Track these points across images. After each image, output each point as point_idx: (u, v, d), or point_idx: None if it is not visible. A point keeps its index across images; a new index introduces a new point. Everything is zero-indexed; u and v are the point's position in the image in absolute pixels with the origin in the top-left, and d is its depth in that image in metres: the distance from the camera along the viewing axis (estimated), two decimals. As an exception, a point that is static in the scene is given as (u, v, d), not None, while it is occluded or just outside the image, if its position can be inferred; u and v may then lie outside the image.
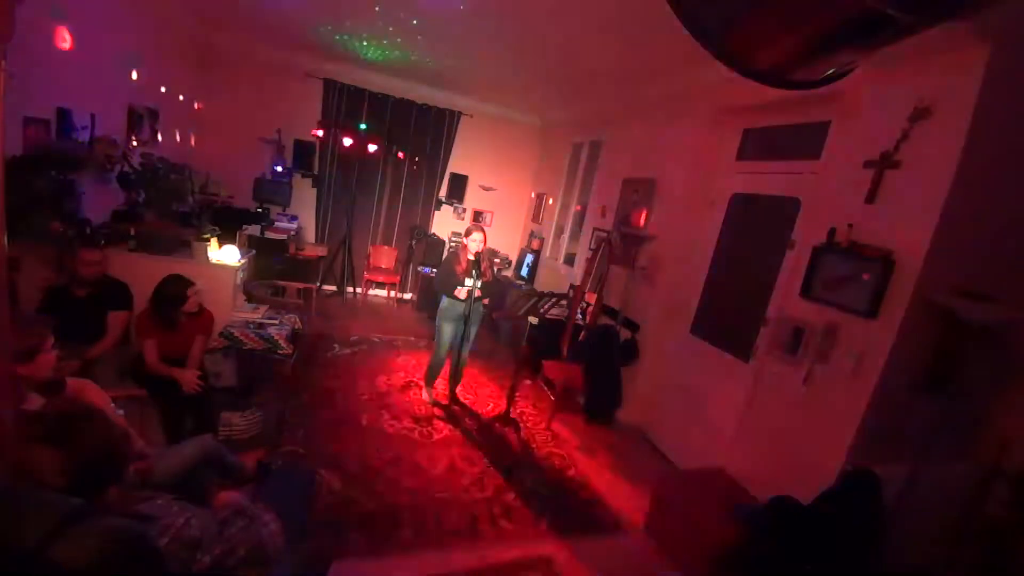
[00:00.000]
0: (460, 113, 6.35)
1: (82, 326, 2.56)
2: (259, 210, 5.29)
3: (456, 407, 3.73)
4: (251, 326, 3.31)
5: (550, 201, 6.27)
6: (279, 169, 5.71)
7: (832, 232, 2.37)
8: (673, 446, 3.56)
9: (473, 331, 3.60)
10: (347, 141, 5.60)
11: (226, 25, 4.93)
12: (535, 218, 6.64)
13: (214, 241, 3.50)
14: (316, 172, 6.01)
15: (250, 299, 3.93)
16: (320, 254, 5.63)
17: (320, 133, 5.66)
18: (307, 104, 5.78)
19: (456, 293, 3.42)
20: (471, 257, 3.45)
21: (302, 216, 5.98)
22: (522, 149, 6.86)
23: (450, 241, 6.54)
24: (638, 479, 3.13)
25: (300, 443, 2.90)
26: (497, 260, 6.27)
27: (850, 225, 2.29)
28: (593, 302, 4.38)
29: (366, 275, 6.25)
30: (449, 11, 3.44)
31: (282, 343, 3.29)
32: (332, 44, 4.89)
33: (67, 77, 3.07)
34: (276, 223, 5.20)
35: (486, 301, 3.70)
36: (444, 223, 6.72)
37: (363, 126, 5.75)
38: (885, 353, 2.10)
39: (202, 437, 2.14)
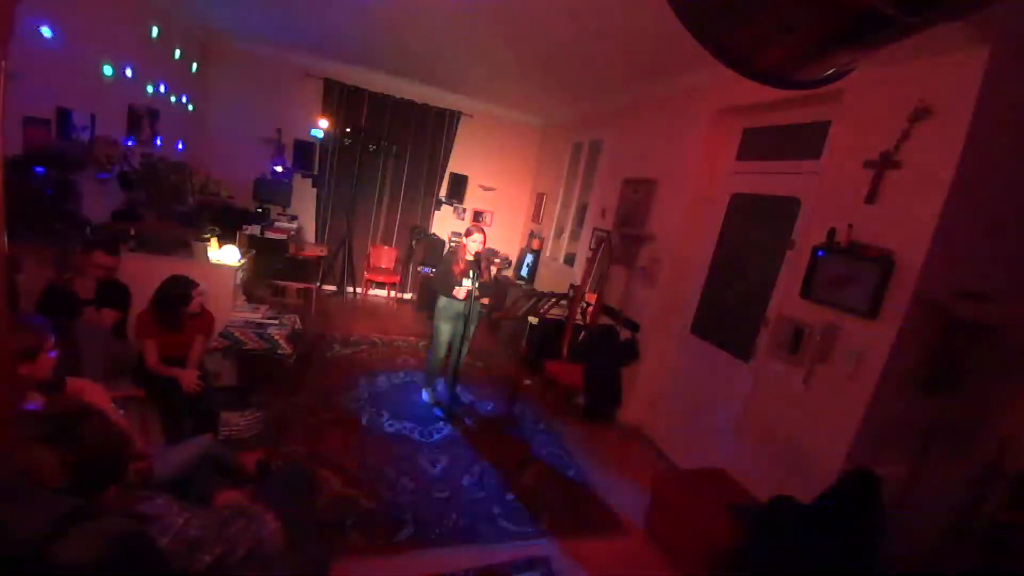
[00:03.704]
0: (460, 113, 6.35)
1: (74, 326, 2.55)
2: (259, 210, 5.29)
3: (456, 407, 3.73)
4: (251, 326, 3.31)
5: (550, 201, 6.28)
6: (279, 169, 5.71)
7: (832, 232, 2.37)
8: (673, 446, 3.56)
9: (472, 330, 3.60)
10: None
11: (226, 25, 4.93)
12: (535, 218, 6.64)
13: (214, 241, 3.50)
14: (316, 172, 6.01)
15: (250, 299, 3.93)
16: (320, 254, 5.63)
17: (324, 124, 5.65)
18: (307, 104, 5.78)
19: (455, 293, 3.42)
20: (470, 257, 3.45)
21: (302, 216, 5.98)
22: (522, 149, 6.86)
23: (450, 241, 6.55)
24: (638, 479, 3.13)
25: (300, 443, 2.90)
26: (497, 260, 6.27)
27: (850, 225, 2.29)
28: (593, 302, 4.38)
29: (366, 275, 6.25)
30: (449, 11, 3.44)
31: (282, 343, 3.29)
32: (332, 44, 4.90)
33: (67, 77, 3.07)
34: (276, 223, 5.20)
35: (485, 301, 3.70)
36: (444, 223, 6.72)
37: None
38: (885, 353, 2.10)
39: (202, 437, 2.14)
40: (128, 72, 3.77)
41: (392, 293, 6.51)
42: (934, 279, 2.03)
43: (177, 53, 4.71)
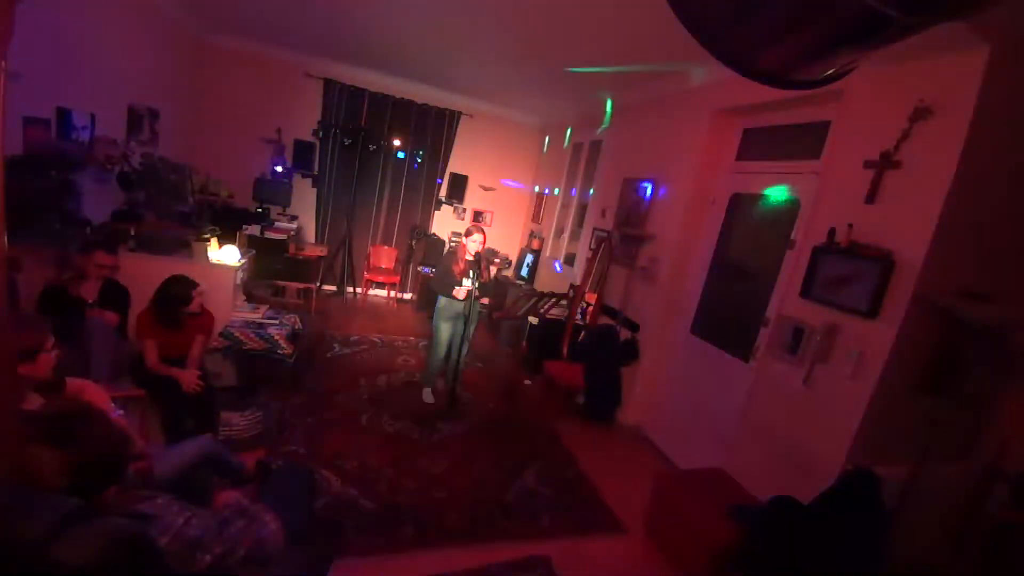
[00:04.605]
0: (460, 113, 6.35)
1: (79, 326, 2.55)
2: (259, 210, 5.29)
3: (456, 407, 3.73)
4: (251, 326, 3.31)
5: (550, 201, 6.27)
6: (279, 169, 5.71)
7: (832, 232, 2.37)
8: (673, 446, 3.56)
9: (471, 330, 3.60)
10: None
11: (226, 25, 4.93)
12: (535, 218, 6.64)
13: (214, 241, 3.50)
14: (316, 172, 6.01)
15: (250, 299, 3.93)
16: (320, 254, 5.63)
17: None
18: (307, 104, 5.78)
19: (455, 293, 3.41)
20: (470, 257, 3.45)
21: (302, 216, 5.98)
22: (522, 149, 6.86)
23: (450, 241, 6.55)
24: (638, 479, 3.13)
25: (300, 443, 2.90)
26: (497, 260, 6.27)
27: (850, 225, 2.29)
28: (593, 302, 4.38)
29: (366, 275, 6.25)
30: (450, 10, 3.44)
31: (282, 343, 3.29)
32: (332, 44, 4.89)
33: (67, 77, 3.06)
34: (276, 223, 5.20)
35: (485, 301, 3.69)
36: (444, 223, 6.72)
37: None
38: (885, 353, 2.10)
39: (202, 437, 2.14)
40: (128, 72, 3.77)
41: (392, 293, 6.51)
42: (934, 279, 2.03)
43: (177, 53, 4.71)
